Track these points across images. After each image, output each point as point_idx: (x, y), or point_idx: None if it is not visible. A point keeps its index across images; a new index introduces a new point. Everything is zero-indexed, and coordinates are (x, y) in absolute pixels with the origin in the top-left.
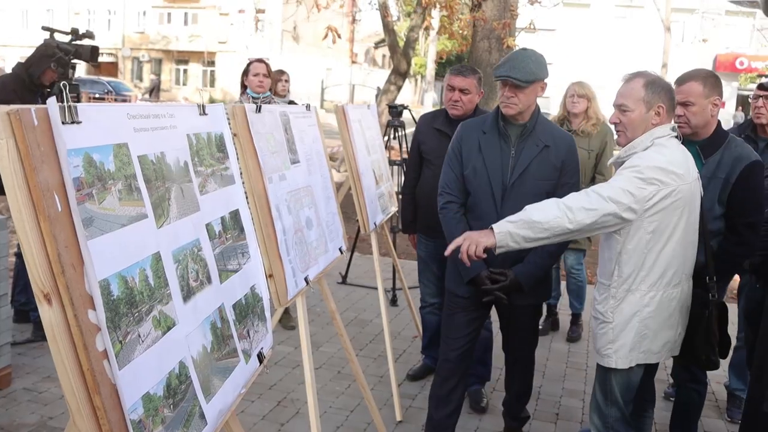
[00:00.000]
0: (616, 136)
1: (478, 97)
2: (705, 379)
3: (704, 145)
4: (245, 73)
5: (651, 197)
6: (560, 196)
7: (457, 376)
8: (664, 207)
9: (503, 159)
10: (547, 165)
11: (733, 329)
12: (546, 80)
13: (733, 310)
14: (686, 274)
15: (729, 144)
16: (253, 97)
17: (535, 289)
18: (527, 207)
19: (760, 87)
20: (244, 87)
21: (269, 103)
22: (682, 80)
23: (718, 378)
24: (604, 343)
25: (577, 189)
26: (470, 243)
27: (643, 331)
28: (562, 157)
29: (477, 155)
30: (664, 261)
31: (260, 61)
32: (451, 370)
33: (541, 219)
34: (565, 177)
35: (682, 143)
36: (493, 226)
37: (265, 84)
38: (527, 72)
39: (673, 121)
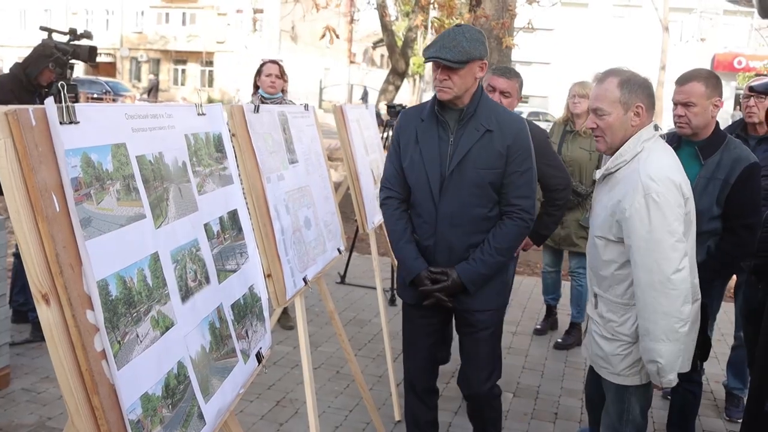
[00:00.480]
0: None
1: (518, 101)
2: (699, 380)
3: (703, 145)
4: (258, 73)
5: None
6: (509, 187)
7: (426, 393)
8: (684, 215)
9: (441, 148)
10: (489, 151)
11: (731, 328)
12: (486, 59)
13: (730, 309)
14: (697, 282)
15: (728, 145)
16: (264, 98)
17: (485, 292)
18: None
19: (751, 89)
20: (256, 87)
21: (280, 104)
22: (683, 80)
23: (717, 377)
24: (628, 363)
25: (529, 178)
26: None
27: None
28: (508, 142)
29: (414, 146)
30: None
31: (273, 62)
32: (419, 391)
33: (668, 361)
34: (512, 165)
35: (680, 143)
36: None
37: (276, 85)
38: (459, 51)
39: (673, 121)
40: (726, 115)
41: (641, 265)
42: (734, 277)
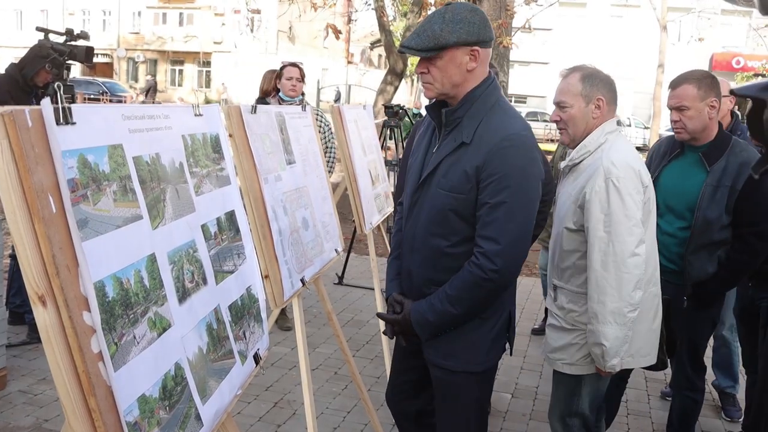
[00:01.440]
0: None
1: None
2: (702, 387)
3: (707, 151)
4: (278, 76)
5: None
6: (479, 222)
7: (405, 418)
8: (643, 204)
9: (427, 156)
10: (456, 171)
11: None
12: (478, 45)
13: None
14: (657, 274)
15: (733, 148)
16: (283, 100)
17: (449, 345)
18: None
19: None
20: (276, 90)
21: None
22: (675, 84)
23: (713, 378)
24: (585, 353)
25: (504, 215)
26: None
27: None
28: (478, 162)
29: (413, 152)
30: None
31: (294, 65)
32: (398, 416)
33: (612, 345)
34: (483, 193)
35: (684, 150)
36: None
37: (297, 88)
38: (426, 36)
39: (670, 125)
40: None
41: (597, 247)
42: None
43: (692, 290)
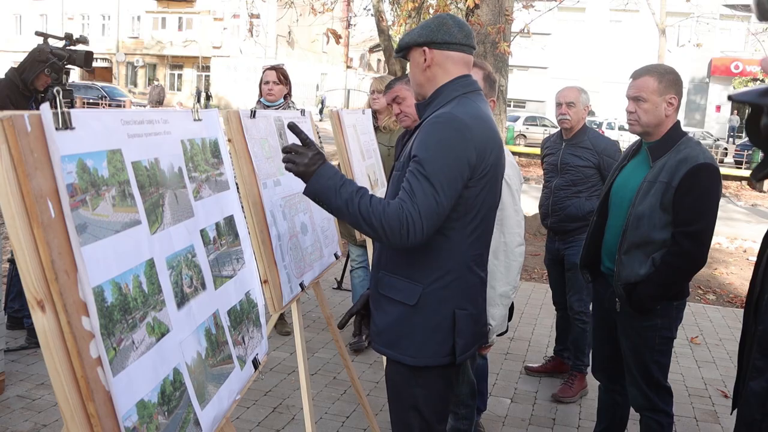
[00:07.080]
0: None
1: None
2: (666, 410)
3: (654, 147)
4: (261, 80)
5: None
6: (397, 191)
7: None
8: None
9: None
10: (406, 152)
11: (728, 332)
12: (428, 46)
13: (728, 314)
14: None
15: (679, 145)
16: (265, 105)
17: (388, 334)
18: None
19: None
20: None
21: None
22: (637, 74)
23: (716, 383)
24: None
25: (414, 177)
26: None
27: None
28: (416, 140)
29: None
30: None
31: (272, 68)
32: None
33: (498, 323)
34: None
35: (639, 148)
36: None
37: (275, 91)
38: (402, 40)
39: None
40: (723, 120)
41: None
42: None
43: (624, 293)
